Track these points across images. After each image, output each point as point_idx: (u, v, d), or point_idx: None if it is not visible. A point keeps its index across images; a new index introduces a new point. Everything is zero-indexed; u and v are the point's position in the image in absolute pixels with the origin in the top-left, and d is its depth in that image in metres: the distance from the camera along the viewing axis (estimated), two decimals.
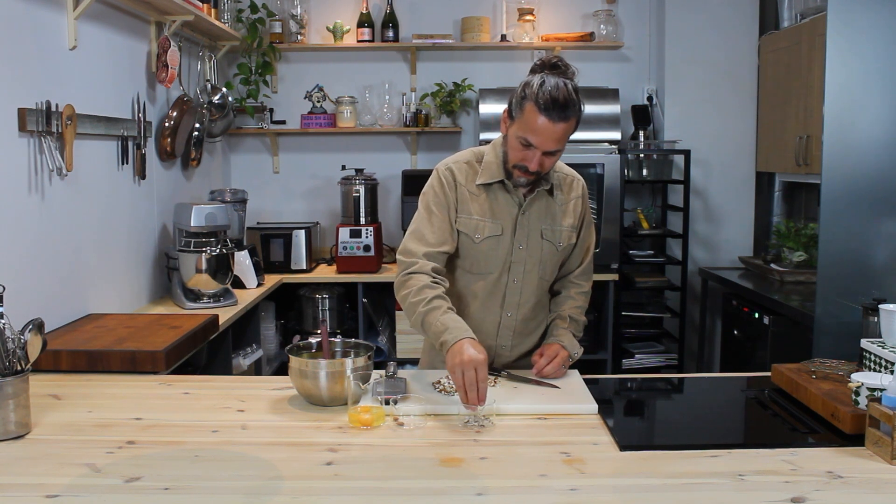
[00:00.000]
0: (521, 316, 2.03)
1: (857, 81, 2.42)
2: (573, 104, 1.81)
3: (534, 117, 1.80)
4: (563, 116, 1.79)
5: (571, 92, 1.81)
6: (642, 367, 4.13)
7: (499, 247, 1.97)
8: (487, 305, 2.01)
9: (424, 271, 1.89)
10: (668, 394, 2.10)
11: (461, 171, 1.99)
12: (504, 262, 1.98)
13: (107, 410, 1.77)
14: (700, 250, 4.44)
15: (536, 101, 1.79)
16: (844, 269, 2.45)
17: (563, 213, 2.02)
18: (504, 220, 1.97)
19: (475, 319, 1.99)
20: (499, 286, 2.00)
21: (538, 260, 1.99)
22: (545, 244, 1.99)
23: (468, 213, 1.96)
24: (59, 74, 2.54)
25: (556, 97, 1.78)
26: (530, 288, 2.01)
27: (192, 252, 3.12)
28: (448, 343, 1.74)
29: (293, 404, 1.79)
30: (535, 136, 1.82)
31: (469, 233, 1.96)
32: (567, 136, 1.84)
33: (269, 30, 4.34)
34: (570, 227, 2.02)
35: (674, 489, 1.34)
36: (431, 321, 1.81)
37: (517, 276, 1.99)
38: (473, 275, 2.01)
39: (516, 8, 4.40)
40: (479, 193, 1.97)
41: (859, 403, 1.58)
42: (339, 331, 4.08)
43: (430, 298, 1.83)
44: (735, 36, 4.33)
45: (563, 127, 1.81)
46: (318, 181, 4.58)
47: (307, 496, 1.32)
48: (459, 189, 1.97)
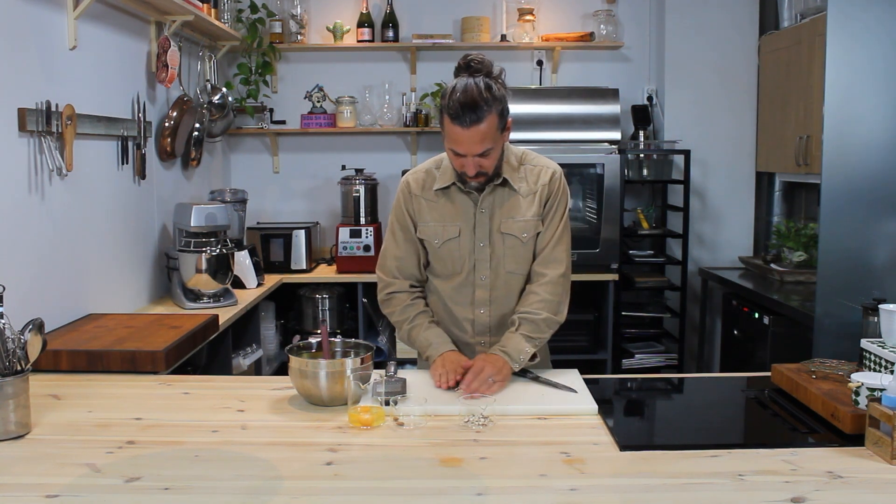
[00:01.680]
0: (495, 312, 2.04)
1: (857, 81, 2.42)
2: (485, 102, 1.79)
3: (450, 128, 1.83)
4: (476, 119, 1.79)
5: (482, 90, 1.80)
6: (642, 367, 4.13)
7: (460, 248, 2.00)
8: (459, 304, 2.05)
9: (403, 290, 2.06)
10: (668, 394, 2.10)
11: (417, 182, 2.04)
12: (468, 262, 2.01)
13: (107, 410, 1.77)
14: (700, 250, 4.44)
15: (448, 111, 1.81)
16: (844, 269, 2.45)
17: (527, 204, 1.99)
18: (463, 221, 2.00)
19: (450, 319, 2.07)
20: (467, 285, 2.03)
21: (502, 255, 2.00)
22: (507, 238, 2.00)
23: (425, 220, 2.02)
24: (59, 74, 2.54)
25: (465, 102, 1.79)
26: (499, 283, 2.02)
27: (192, 252, 3.12)
28: (432, 358, 1.95)
29: (293, 404, 1.79)
30: (458, 145, 1.85)
31: (429, 239, 2.02)
32: (490, 134, 1.82)
33: (269, 30, 4.34)
34: (534, 216, 1.99)
35: (674, 489, 1.34)
36: (415, 337, 2.02)
37: (483, 273, 2.01)
38: (442, 278, 2.06)
39: (516, 8, 4.40)
40: (436, 199, 2.01)
41: (859, 403, 1.58)
42: (339, 331, 4.07)
43: (412, 317, 2.03)
44: (735, 36, 4.33)
45: (478, 129, 1.80)
46: (318, 181, 4.58)
47: (307, 496, 1.32)
48: (415, 200, 2.03)
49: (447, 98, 1.82)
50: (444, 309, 2.07)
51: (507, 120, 1.88)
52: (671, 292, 4.36)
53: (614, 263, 4.00)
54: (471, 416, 1.66)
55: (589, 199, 4.12)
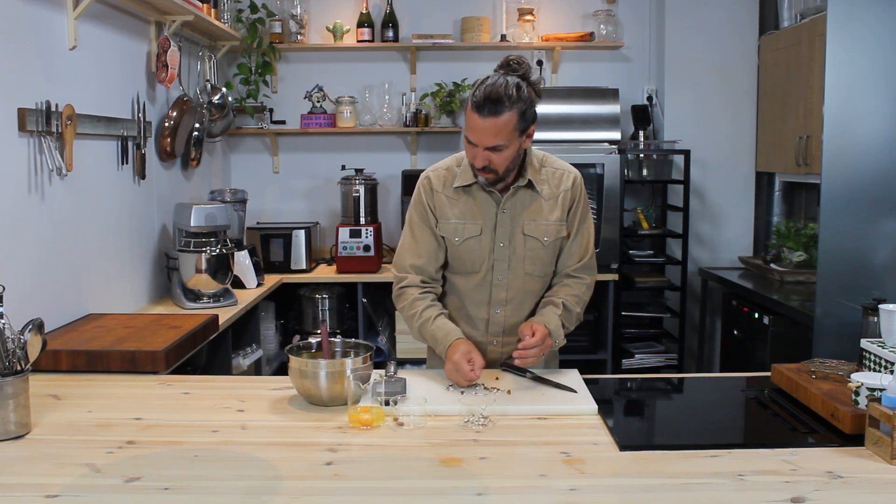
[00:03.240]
0: (510, 312, 2.05)
1: (857, 81, 2.42)
2: (508, 99, 1.81)
3: (470, 115, 1.86)
4: (494, 111, 1.81)
5: (511, 88, 1.82)
6: (642, 367, 4.13)
7: (480, 246, 2.01)
8: (475, 303, 2.05)
9: (414, 284, 2.04)
10: (668, 394, 2.10)
11: (439, 178, 2.05)
12: (487, 261, 2.01)
13: (107, 410, 1.77)
14: (700, 250, 4.44)
15: (472, 99, 1.84)
16: (844, 269, 2.45)
17: (550, 207, 2.01)
18: (484, 220, 2.00)
19: (465, 317, 2.07)
20: (484, 284, 2.03)
21: (522, 256, 2.01)
22: (528, 240, 2.00)
23: (446, 217, 2.02)
24: (59, 74, 2.54)
25: (489, 94, 1.81)
26: (516, 284, 2.03)
27: (192, 252, 3.12)
28: (443, 352, 1.94)
29: (293, 404, 1.79)
30: (472, 133, 1.87)
31: (449, 236, 2.02)
32: (504, 132, 1.84)
33: (269, 30, 4.34)
34: (557, 220, 2.02)
35: (674, 489, 1.34)
36: (425, 333, 2.01)
37: (501, 273, 2.02)
38: (460, 275, 2.06)
39: (516, 8, 4.40)
40: (458, 197, 2.01)
41: (859, 403, 1.58)
42: (339, 331, 4.07)
43: (420, 311, 2.00)
44: (735, 36, 4.33)
45: (494, 122, 1.82)
46: (318, 181, 4.58)
47: (307, 496, 1.32)
48: (437, 196, 2.03)
49: (475, 87, 1.85)
50: (460, 307, 2.07)
51: (530, 126, 1.89)
52: (671, 292, 4.36)
53: (614, 263, 4.00)
54: (471, 416, 1.66)
55: (589, 199, 4.11)
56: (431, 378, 1.94)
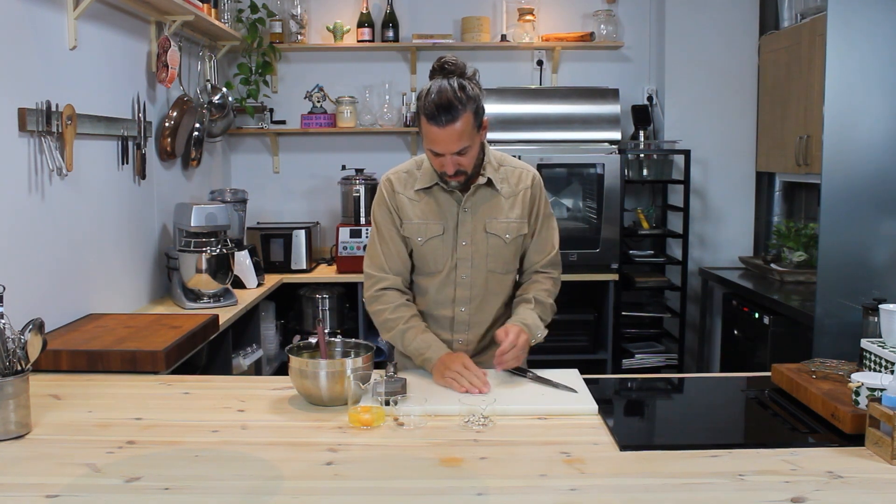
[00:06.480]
0: (474, 310, 2.07)
1: (857, 81, 2.42)
2: (459, 102, 1.83)
3: (427, 128, 1.86)
4: (451, 118, 1.82)
5: (456, 90, 1.83)
6: (642, 367, 4.13)
7: (443, 246, 2.03)
8: (440, 302, 2.07)
9: (395, 287, 2.05)
10: (668, 394, 2.10)
11: (399, 181, 2.07)
12: (450, 260, 2.03)
13: (107, 410, 1.77)
14: (700, 250, 4.44)
15: (424, 112, 1.85)
16: (844, 269, 2.45)
17: (510, 205, 2.04)
18: (447, 220, 2.02)
19: (430, 316, 2.09)
20: (448, 283, 2.05)
21: (484, 254, 2.03)
22: (490, 237, 2.03)
23: (409, 218, 2.04)
24: (59, 74, 2.54)
25: (440, 102, 1.82)
26: (480, 282, 2.05)
27: (192, 252, 3.12)
28: (431, 360, 1.93)
29: (293, 404, 1.79)
30: (436, 145, 1.88)
31: (412, 236, 2.04)
32: (466, 133, 1.85)
33: (269, 30, 4.34)
34: (518, 218, 2.04)
35: (674, 489, 1.34)
36: (411, 338, 1.98)
37: (465, 271, 2.04)
38: (424, 274, 2.08)
39: (516, 8, 4.40)
40: (419, 198, 2.04)
41: (859, 403, 1.58)
42: (339, 331, 4.07)
43: (407, 318, 2.01)
44: (735, 36, 4.33)
45: (454, 128, 1.83)
46: (318, 181, 4.58)
47: (307, 496, 1.32)
48: (398, 197, 2.05)
49: (423, 99, 1.85)
50: (425, 306, 2.10)
51: (483, 119, 1.91)
52: (671, 292, 4.36)
53: (614, 263, 4.00)
54: (471, 416, 1.66)
55: (589, 199, 4.12)
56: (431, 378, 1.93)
